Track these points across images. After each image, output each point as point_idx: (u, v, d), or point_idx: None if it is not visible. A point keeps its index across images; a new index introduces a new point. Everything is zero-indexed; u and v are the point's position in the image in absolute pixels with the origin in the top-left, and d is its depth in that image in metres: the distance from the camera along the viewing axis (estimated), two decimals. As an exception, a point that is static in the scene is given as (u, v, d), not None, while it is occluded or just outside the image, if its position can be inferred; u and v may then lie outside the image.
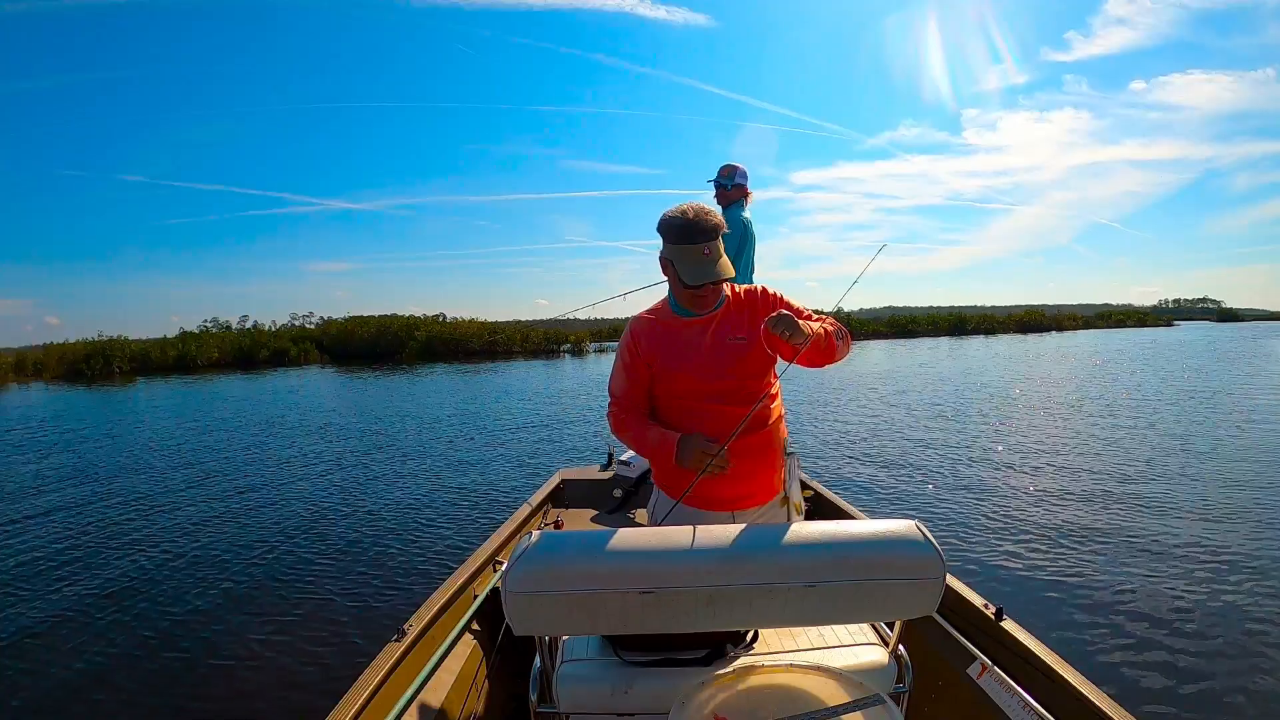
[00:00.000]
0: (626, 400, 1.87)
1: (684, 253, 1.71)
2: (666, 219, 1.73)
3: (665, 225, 1.73)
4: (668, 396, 1.84)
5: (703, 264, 1.70)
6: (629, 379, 1.85)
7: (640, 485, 3.78)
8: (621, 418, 1.86)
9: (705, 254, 1.69)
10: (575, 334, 38.93)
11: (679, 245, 1.71)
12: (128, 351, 30.03)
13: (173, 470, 8.77)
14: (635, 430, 1.82)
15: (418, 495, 7.00)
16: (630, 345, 1.85)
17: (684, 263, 1.71)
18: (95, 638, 3.95)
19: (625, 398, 1.87)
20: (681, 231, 1.70)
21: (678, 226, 1.70)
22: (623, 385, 1.87)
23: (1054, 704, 1.63)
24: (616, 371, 1.89)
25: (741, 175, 3.69)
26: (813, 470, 7.00)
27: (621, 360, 1.87)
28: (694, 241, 1.69)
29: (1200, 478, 6.88)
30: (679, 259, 1.72)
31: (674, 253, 1.73)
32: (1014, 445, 8.94)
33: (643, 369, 1.84)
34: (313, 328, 40.50)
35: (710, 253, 1.69)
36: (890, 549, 1.37)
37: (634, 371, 1.85)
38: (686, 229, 1.69)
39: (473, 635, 2.18)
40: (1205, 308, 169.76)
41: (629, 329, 1.89)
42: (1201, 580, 4.26)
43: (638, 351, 1.84)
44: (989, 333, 51.78)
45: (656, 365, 1.82)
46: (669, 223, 1.72)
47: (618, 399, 1.89)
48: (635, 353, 1.84)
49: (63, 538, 5.92)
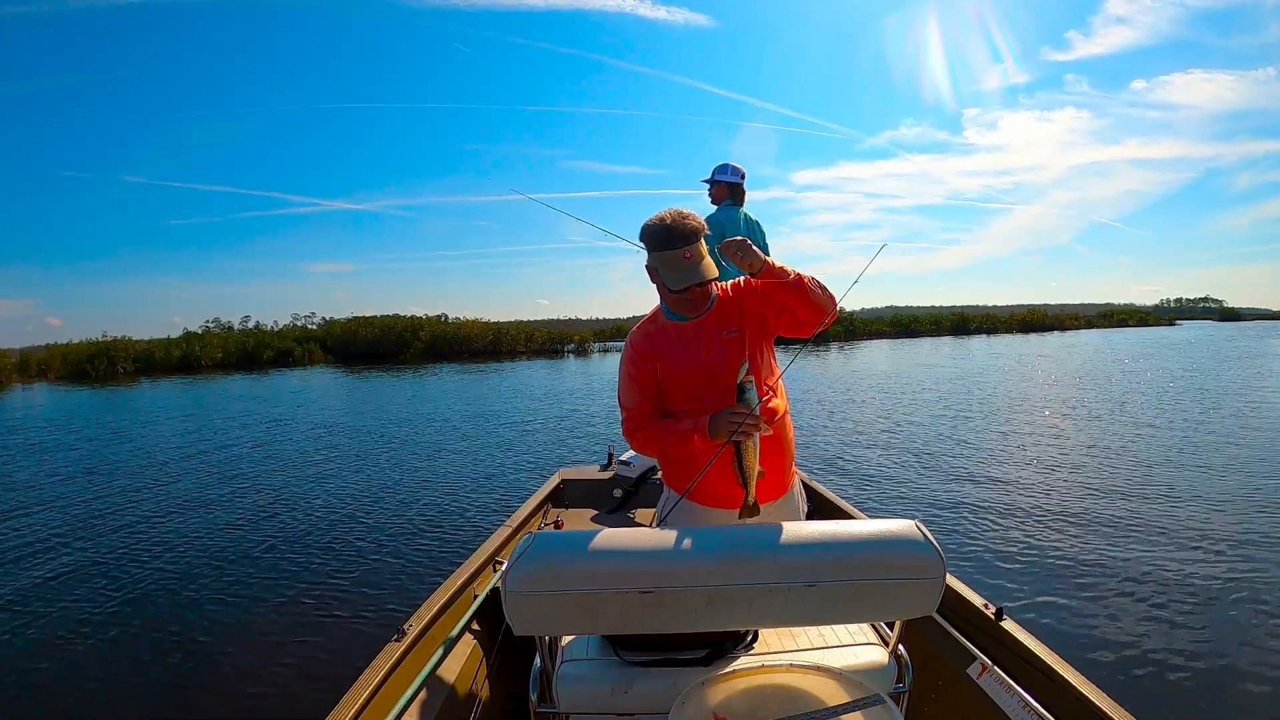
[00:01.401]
0: (640, 411, 1.87)
1: (666, 259, 1.71)
2: (646, 227, 1.74)
3: (646, 233, 1.74)
4: (676, 402, 1.84)
5: (684, 268, 1.70)
6: (638, 387, 1.85)
7: (640, 485, 3.78)
8: (639, 427, 1.85)
9: (686, 258, 1.69)
10: (579, 334, 38.95)
11: (660, 252, 1.71)
12: (132, 352, 30.04)
13: (175, 470, 8.79)
14: (658, 430, 1.81)
15: (418, 495, 7.01)
16: (633, 356, 1.86)
17: (666, 268, 1.71)
18: (95, 636, 3.97)
19: (638, 409, 1.87)
20: (660, 238, 1.70)
21: (656, 233, 1.71)
22: (634, 396, 1.87)
23: (1054, 704, 1.63)
24: (624, 384, 1.89)
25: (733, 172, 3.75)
26: (813, 470, 7.00)
27: (626, 372, 1.87)
28: (673, 247, 1.69)
29: (1203, 478, 6.87)
30: (662, 265, 1.72)
31: (657, 260, 1.73)
32: (1014, 445, 8.93)
33: (650, 375, 1.84)
34: (314, 328, 40.56)
35: (691, 256, 1.69)
36: (890, 549, 1.37)
37: (642, 379, 1.85)
38: (665, 234, 1.70)
39: (473, 635, 2.18)
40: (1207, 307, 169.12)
41: (629, 342, 1.90)
42: (1202, 580, 4.25)
43: (641, 361, 1.84)
44: (991, 332, 51.68)
45: (661, 370, 1.83)
46: (649, 230, 1.73)
47: (630, 411, 1.88)
48: (638, 362, 1.84)
49: (63, 537, 5.94)
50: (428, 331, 35.74)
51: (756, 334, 1.81)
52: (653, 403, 1.86)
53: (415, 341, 35.01)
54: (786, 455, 1.88)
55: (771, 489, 1.87)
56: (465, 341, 35.78)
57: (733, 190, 3.82)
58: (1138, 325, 68.15)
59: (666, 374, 1.82)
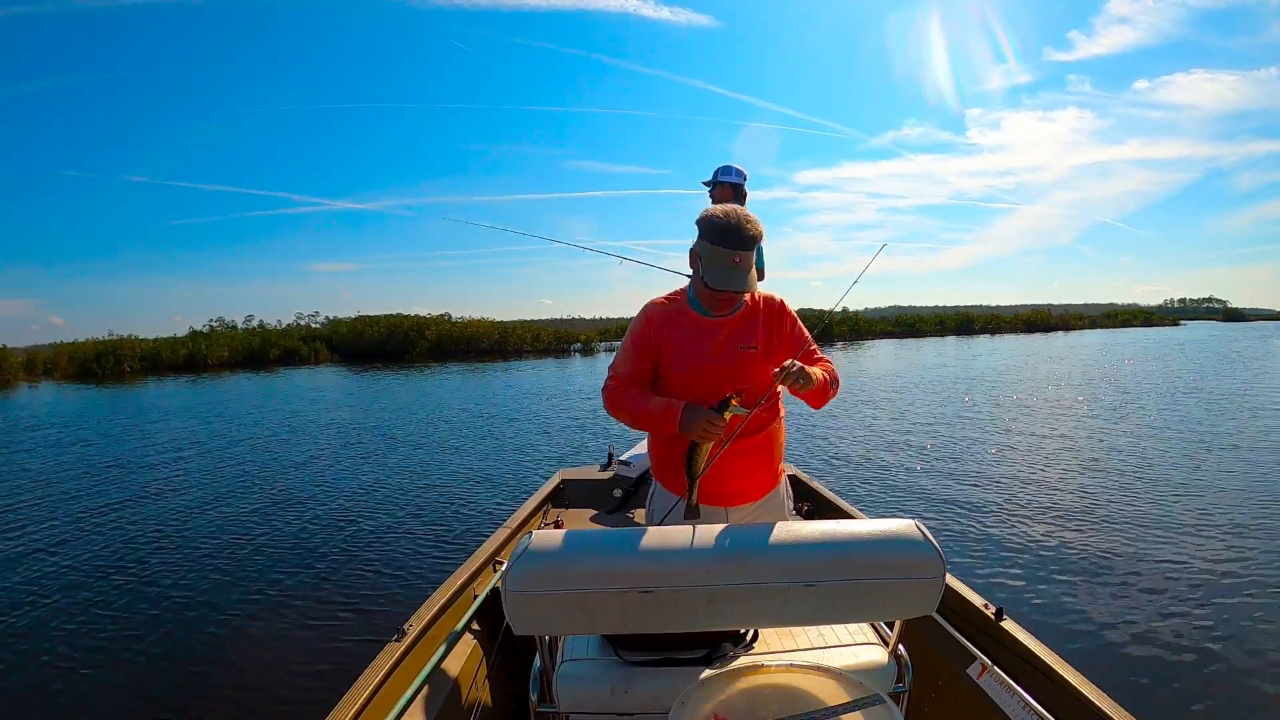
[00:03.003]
0: (627, 378, 1.85)
1: (715, 254, 1.68)
2: (709, 216, 1.71)
3: (706, 222, 1.71)
4: (669, 390, 1.84)
5: (731, 270, 1.68)
6: (636, 357, 1.85)
7: (640, 485, 3.78)
8: (619, 390, 1.83)
9: (736, 261, 1.67)
10: (585, 334, 38.90)
11: (713, 245, 1.69)
12: (138, 350, 30.11)
13: (177, 470, 8.81)
14: (635, 401, 1.79)
15: (418, 495, 7.02)
16: (643, 327, 1.85)
17: (712, 263, 1.69)
18: (95, 635, 3.98)
19: (628, 375, 1.85)
20: (719, 233, 1.68)
21: (718, 228, 1.68)
22: (628, 364, 1.86)
23: (1054, 704, 1.62)
24: (624, 350, 1.88)
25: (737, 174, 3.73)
26: (813, 469, 6.99)
27: (631, 339, 1.87)
28: (728, 246, 1.67)
29: (1204, 479, 6.85)
30: (708, 258, 1.70)
31: (706, 250, 1.70)
32: (1015, 445, 8.92)
33: (652, 351, 1.83)
34: (318, 327, 40.59)
35: (741, 261, 1.67)
36: (890, 549, 1.37)
37: (642, 351, 1.84)
38: (725, 232, 1.67)
39: (473, 635, 2.17)
40: (1210, 307, 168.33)
41: (643, 312, 1.88)
42: (1202, 580, 4.25)
43: (649, 335, 1.84)
44: (995, 332, 51.54)
45: (664, 352, 1.82)
46: (710, 221, 1.70)
47: (618, 376, 1.86)
48: (646, 336, 1.84)
49: (63, 536, 5.96)
50: (434, 331, 35.72)
51: (766, 355, 1.83)
52: (645, 375, 1.86)
53: (422, 340, 34.98)
54: (775, 455, 1.92)
55: (759, 486, 1.90)
56: (472, 341, 35.74)
57: (735, 192, 3.80)
58: (1142, 325, 67.90)
59: (668, 357, 1.82)
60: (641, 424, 1.80)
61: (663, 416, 1.71)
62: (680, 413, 1.67)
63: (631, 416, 1.80)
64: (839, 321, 42.72)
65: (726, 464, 1.78)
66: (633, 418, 1.80)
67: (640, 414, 1.77)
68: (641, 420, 1.78)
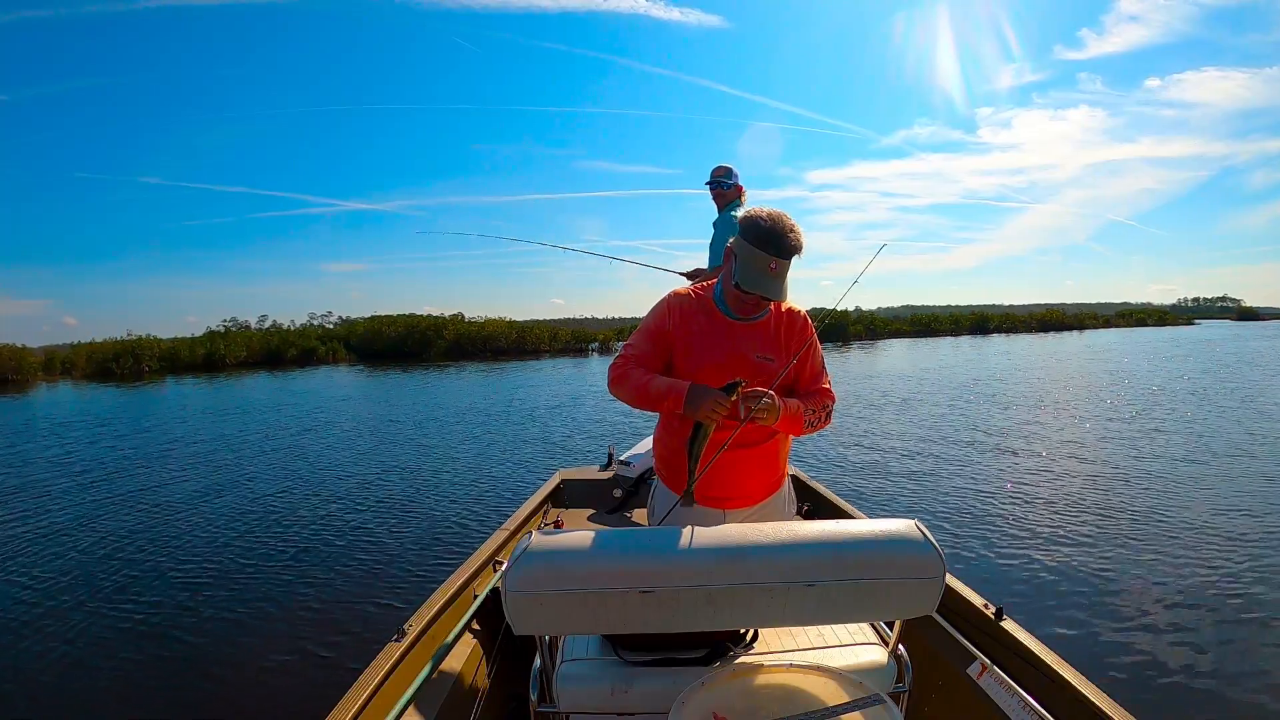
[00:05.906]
0: (637, 359, 1.82)
1: (753, 255, 1.66)
2: (754, 217, 1.69)
3: (749, 222, 1.69)
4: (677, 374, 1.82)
5: (765, 276, 1.66)
6: (651, 340, 1.84)
7: (640, 485, 3.77)
8: (626, 367, 1.81)
9: (771, 268, 1.66)
10: (602, 333, 38.80)
11: (751, 246, 1.67)
12: (157, 350, 30.35)
13: (180, 469, 8.82)
14: (641, 379, 1.76)
15: (418, 495, 7.02)
16: (664, 314, 1.85)
17: (748, 264, 1.68)
18: (96, 633, 4.00)
19: (638, 356, 1.83)
20: (760, 235, 1.66)
21: (761, 231, 1.66)
22: (642, 345, 1.84)
23: (1054, 704, 1.62)
24: (640, 333, 1.87)
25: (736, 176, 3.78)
26: (813, 469, 6.97)
27: (649, 323, 1.86)
28: (766, 251, 1.65)
29: (1204, 478, 6.78)
30: (744, 258, 1.69)
31: (744, 250, 1.69)
32: (1015, 445, 8.85)
33: (667, 338, 1.83)
34: (332, 327, 40.82)
35: (776, 269, 1.66)
36: (890, 549, 1.37)
37: (658, 336, 1.83)
38: (768, 237, 1.65)
39: (473, 635, 2.18)
40: (1225, 306, 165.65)
41: (666, 299, 1.88)
42: (1202, 580, 4.22)
43: (665, 324, 1.83)
44: (1010, 332, 51.06)
45: (678, 342, 1.81)
46: (754, 221, 1.68)
47: (629, 356, 1.84)
48: (664, 319, 1.84)
49: (65, 535, 6.00)
50: (451, 330, 35.64)
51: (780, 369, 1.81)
52: (657, 359, 1.83)
53: (439, 340, 34.87)
54: (781, 457, 1.91)
55: (763, 487, 1.89)
56: (489, 340, 35.53)
57: (739, 192, 3.83)
58: (1156, 324, 66.99)
59: (681, 347, 1.81)
60: (642, 401, 1.76)
61: (666, 393, 1.69)
62: (686, 392, 1.66)
63: (633, 393, 1.77)
64: (854, 321, 42.49)
65: (731, 466, 1.78)
66: (634, 394, 1.76)
67: (642, 390, 1.74)
68: (642, 397, 1.75)
